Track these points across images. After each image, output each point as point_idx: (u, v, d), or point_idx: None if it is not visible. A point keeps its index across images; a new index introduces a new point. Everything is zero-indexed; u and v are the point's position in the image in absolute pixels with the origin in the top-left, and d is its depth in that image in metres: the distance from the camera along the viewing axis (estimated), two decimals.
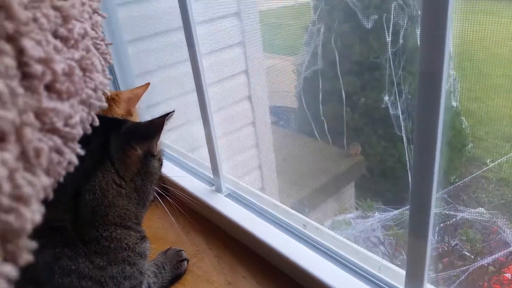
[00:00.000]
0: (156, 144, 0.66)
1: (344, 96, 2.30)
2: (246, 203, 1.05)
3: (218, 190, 1.10)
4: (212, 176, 1.12)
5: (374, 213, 2.16)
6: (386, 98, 2.19)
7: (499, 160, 1.97)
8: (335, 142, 2.37)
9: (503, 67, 1.73)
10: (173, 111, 0.69)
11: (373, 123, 2.32)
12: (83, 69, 0.36)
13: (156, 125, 0.64)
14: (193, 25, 0.93)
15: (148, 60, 1.54)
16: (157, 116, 0.66)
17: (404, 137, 2.24)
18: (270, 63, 2.33)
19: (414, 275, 0.69)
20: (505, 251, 1.85)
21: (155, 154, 0.66)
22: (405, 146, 2.27)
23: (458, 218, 1.95)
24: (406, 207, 2.12)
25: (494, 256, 1.85)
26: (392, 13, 2.03)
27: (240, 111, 1.89)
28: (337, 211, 2.29)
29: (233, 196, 1.09)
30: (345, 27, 2.18)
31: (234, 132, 1.90)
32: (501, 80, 1.74)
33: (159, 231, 1.07)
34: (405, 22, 2.04)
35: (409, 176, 2.29)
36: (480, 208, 1.92)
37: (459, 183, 2.04)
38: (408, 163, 2.27)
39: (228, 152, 1.88)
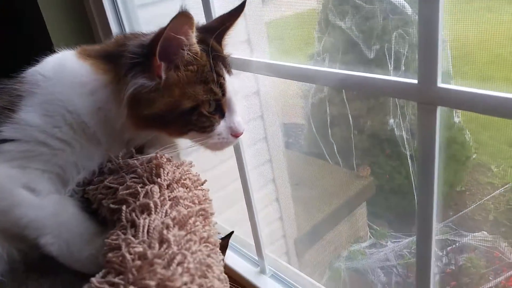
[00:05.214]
0: None
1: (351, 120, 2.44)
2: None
3: (263, 271, 1.13)
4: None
5: (387, 242, 2.24)
6: (392, 120, 2.33)
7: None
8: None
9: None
10: None
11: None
12: None
13: None
14: None
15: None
16: None
17: (408, 154, 2.37)
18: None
19: None
20: None
21: None
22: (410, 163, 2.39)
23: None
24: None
25: None
26: (393, 42, 2.20)
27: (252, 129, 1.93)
28: (351, 237, 2.35)
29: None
30: (349, 57, 2.34)
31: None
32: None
33: None
34: (406, 50, 2.20)
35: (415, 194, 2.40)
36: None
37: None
38: (413, 179, 2.39)
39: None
